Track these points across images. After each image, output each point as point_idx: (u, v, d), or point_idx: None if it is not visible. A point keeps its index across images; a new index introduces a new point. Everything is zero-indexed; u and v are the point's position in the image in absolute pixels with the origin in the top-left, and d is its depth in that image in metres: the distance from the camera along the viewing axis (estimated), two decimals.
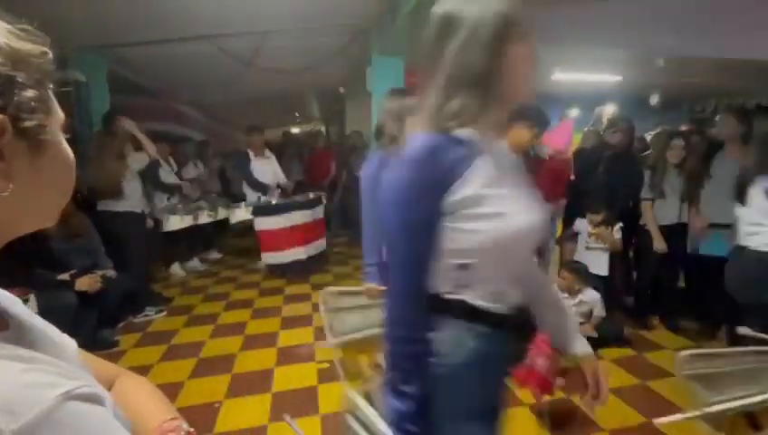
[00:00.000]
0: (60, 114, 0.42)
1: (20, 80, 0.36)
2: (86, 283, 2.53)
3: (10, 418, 0.29)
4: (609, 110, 5.33)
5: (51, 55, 0.40)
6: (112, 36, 3.79)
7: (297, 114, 8.52)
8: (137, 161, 3.16)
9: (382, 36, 3.68)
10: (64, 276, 2.51)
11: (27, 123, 0.37)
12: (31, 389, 0.32)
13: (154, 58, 4.25)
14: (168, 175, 4.16)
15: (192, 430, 0.53)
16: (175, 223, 3.91)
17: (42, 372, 0.34)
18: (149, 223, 3.62)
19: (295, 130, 9.24)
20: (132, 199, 3.14)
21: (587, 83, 6.40)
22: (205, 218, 4.16)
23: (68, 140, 0.43)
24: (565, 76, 5.89)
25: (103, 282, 2.63)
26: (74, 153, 0.44)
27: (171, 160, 4.38)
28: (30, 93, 0.37)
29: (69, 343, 0.47)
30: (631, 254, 3.26)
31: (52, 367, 0.35)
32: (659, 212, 2.84)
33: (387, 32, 3.48)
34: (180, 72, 4.92)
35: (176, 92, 5.78)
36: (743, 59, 4.59)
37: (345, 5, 3.46)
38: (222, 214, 4.26)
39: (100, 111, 3.54)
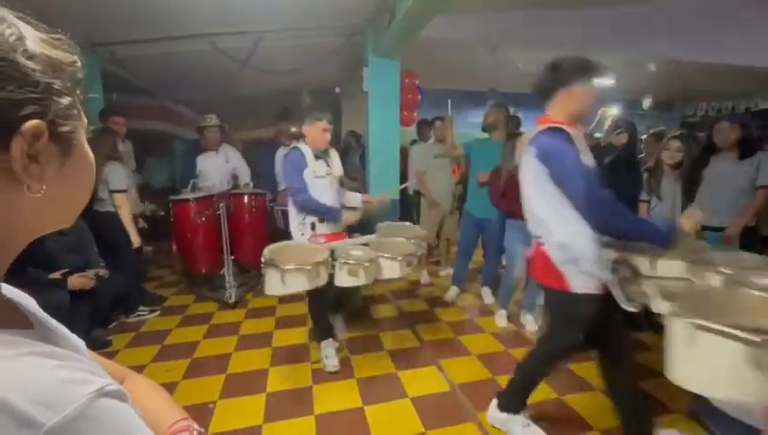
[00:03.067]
0: (84, 120, 0.44)
1: (57, 87, 0.38)
2: (78, 282, 2.52)
3: (50, 412, 0.31)
4: (612, 112, 5.39)
5: (80, 64, 0.42)
6: (106, 34, 3.77)
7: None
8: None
9: (378, 37, 3.69)
10: (56, 275, 2.49)
11: (62, 128, 0.39)
12: (66, 385, 0.33)
13: (148, 56, 4.22)
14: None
15: (203, 430, 0.55)
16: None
17: (73, 369, 0.35)
18: (141, 223, 3.60)
19: (292, 130, 9.21)
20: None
21: None
22: None
23: None
24: None
25: (96, 280, 2.62)
26: None
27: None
28: (65, 100, 0.39)
29: (79, 340, 0.48)
30: None
31: (80, 364, 0.36)
32: (656, 214, 2.88)
33: (383, 33, 3.49)
34: (175, 71, 4.89)
35: (170, 91, 5.74)
36: (733, 64, 4.68)
37: (341, 6, 3.47)
38: None
39: (94, 110, 3.51)
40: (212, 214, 3.50)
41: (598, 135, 4.64)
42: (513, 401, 1.83)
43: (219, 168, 3.87)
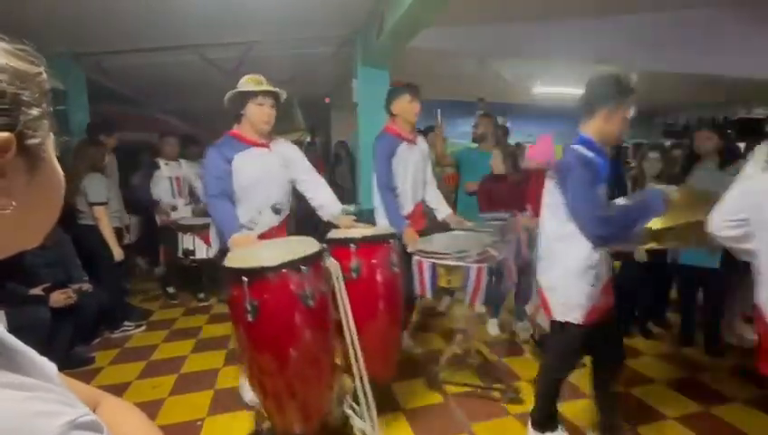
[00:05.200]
0: (51, 133, 0.42)
1: (25, 98, 0.37)
2: (60, 299, 2.43)
3: None
4: None
5: (45, 75, 0.40)
6: (91, 44, 3.72)
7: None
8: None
9: (367, 48, 3.72)
10: (36, 291, 2.41)
11: (30, 141, 0.37)
12: (37, 418, 0.31)
13: (135, 66, 4.18)
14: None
15: None
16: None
17: (43, 401, 0.33)
18: (127, 237, 3.52)
19: (280, 140, 9.20)
20: (109, 212, 3.05)
21: (567, 96, 6.60)
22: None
23: None
24: (546, 89, 6.06)
25: (79, 296, 2.54)
26: None
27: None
28: (34, 111, 0.37)
29: (50, 366, 0.45)
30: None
31: (51, 394, 0.35)
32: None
33: (372, 44, 3.52)
34: (162, 81, 4.86)
35: (157, 101, 5.69)
36: (713, 74, 4.83)
37: (330, 17, 3.49)
38: None
39: (79, 121, 3.46)
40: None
41: None
42: (542, 417, 1.78)
43: (274, 174, 2.09)
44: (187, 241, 3.57)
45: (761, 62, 4.21)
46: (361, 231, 1.88)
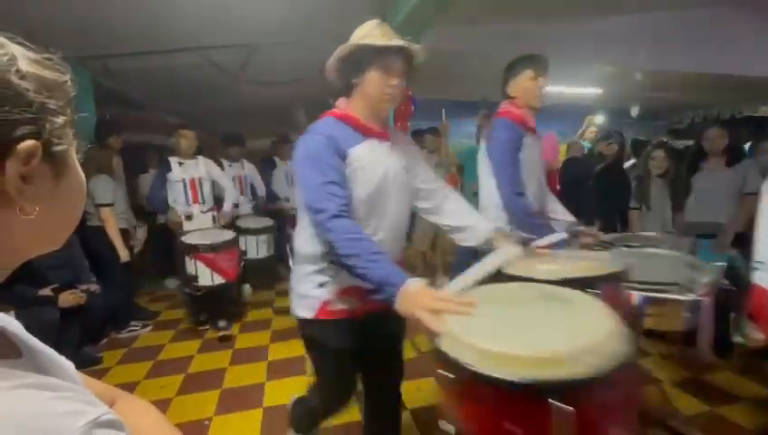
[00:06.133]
0: (75, 139, 0.43)
1: (51, 106, 0.38)
2: (69, 299, 2.46)
3: None
4: (598, 119, 5.51)
5: (71, 83, 0.41)
6: (97, 47, 3.75)
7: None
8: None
9: None
10: (46, 292, 2.44)
11: (56, 148, 0.38)
12: (61, 418, 0.32)
13: (140, 69, 4.21)
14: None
15: None
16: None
17: (67, 400, 0.34)
18: (135, 238, 3.55)
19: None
20: (116, 213, 3.08)
21: (569, 96, 6.58)
22: None
23: None
24: (548, 89, 6.04)
25: (87, 296, 2.56)
26: None
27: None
28: (60, 119, 0.39)
29: (69, 364, 0.46)
30: None
31: (73, 393, 0.35)
32: (644, 221, 2.92)
33: None
34: (166, 84, 4.89)
35: (161, 104, 5.72)
36: (717, 73, 4.80)
37: (334, 17, 3.51)
38: None
39: (85, 123, 3.48)
40: None
41: (586, 144, 4.72)
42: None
43: (400, 181, 1.66)
44: (189, 265, 2.87)
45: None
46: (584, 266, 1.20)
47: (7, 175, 0.34)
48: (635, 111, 7.72)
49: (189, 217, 3.12)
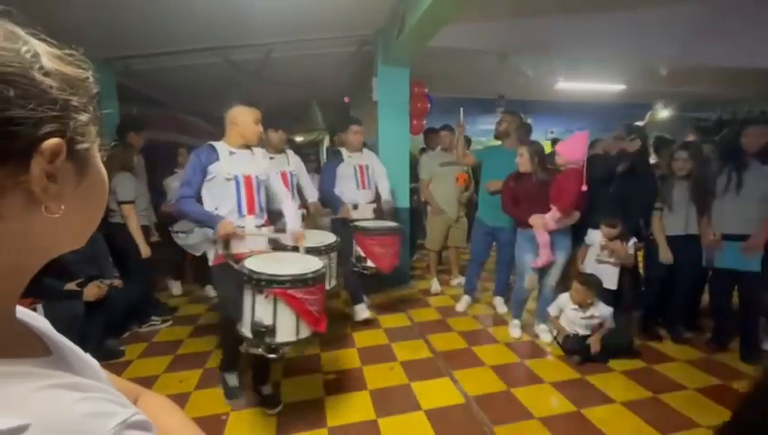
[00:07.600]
0: (98, 136, 0.43)
1: (75, 103, 0.37)
2: (94, 292, 2.53)
3: None
4: (662, 113, 5.15)
5: (93, 79, 0.41)
6: (122, 48, 3.85)
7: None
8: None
9: (388, 47, 3.72)
10: (71, 286, 2.52)
11: (79, 146, 0.38)
12: (91, 419, 0.32)
13: (161, 69, 4.30)
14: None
15: None
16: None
17: (96, 401, 0.34)
18: (154, 234, 3.61)
19: (299, 139, 9.29)
20: (137, 210, 3.15)
21: (591, 92, 6.43)
22: None
23: None
24: (569, 85, 5.92)
25: (109, 290, 2.63)
26: None
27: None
28: (83, 117, 0.38)
29: (94, 362, 0.47)
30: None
31: (103, 393, 0.35)
32: (667, 222, 2.82)
33: (392, 43, 3.52)
34: (187, 83, 4.98)
35: (182, 103, 5.84)
36: (746, 67, 4.60)
37: (351, 17, 3.50)
38: None
39: (109, 123, 3.57)
40: None
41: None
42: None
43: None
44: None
45: None
46: None
47: (32, 174, 0.34)
48: (659, 107, 7.49)
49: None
